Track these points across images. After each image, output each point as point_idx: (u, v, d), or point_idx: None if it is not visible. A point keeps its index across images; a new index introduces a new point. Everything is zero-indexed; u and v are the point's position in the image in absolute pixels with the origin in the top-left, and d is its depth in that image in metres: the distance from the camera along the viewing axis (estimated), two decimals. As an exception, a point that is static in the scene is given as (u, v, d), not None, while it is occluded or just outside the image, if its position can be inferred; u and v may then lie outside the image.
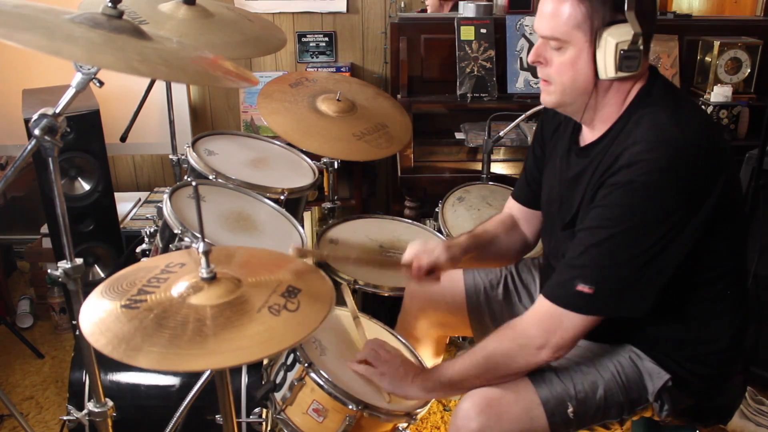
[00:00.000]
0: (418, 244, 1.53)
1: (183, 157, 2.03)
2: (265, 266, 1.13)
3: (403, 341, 1.70)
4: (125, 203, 2.95)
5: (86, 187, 2.42)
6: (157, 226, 1.88)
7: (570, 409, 1.32)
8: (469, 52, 2.72)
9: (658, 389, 1.34)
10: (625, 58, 1.23)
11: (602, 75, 1.26)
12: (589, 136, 1.38)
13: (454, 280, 1.72)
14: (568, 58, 1.27)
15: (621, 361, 1.37)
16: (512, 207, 1.70)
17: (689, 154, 1.20)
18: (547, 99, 1.35)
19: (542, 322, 1.28)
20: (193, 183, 1.91)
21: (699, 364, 1.36)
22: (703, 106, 2.61)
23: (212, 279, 1.02)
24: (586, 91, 1.29)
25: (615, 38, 1.22)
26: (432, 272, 1.52)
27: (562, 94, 1.32)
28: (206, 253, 1.02)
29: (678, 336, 1.35)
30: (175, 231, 1.63)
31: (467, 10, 2.77)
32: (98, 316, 0.97)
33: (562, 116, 1.47)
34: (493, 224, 1.68)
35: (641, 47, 1.23)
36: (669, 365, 1.35)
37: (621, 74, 1.24)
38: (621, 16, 1.22)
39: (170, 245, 1.66)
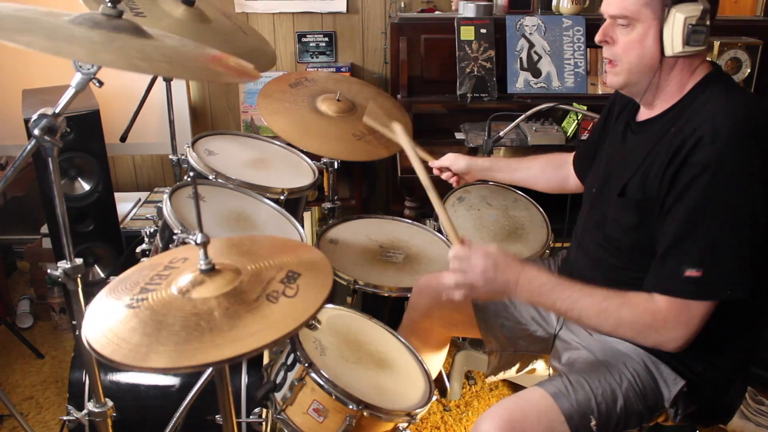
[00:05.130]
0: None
1: (183, 157, 2.03)
2: (269, 253, 1.13)
3: (404, 342, 1.70)
4: (125, 203, 2.95)
5: (86, 187, 2.42)
6: (157, 226, 1.88)
7: (593, 422, 1.31)
8: (469, 52, 2.71)
9: (675, 395, 1.34)
10: (693, 33, 1.27)
11: (668, 51, 1.30)
12: (646, 113, 1.42)
13: None
14: (635, 35, 1.32)
15: (636, 369, 1.36)
16: (569, 159, 1.81)
17: (766, 125, 1.24)
18: (614, 80, 1.39)
19: (679, 316, 1.25)
20: (191, 173, 1.91)
21: (710, 367, 1.35)
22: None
23: (211, 270, 1.02)
24: (651, 69, 1.33)
25: (684, 13, 1.27)
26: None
27: (629, 73, 1.35)
28: (204, 245, 1.02)
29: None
30: (175, 231, 1.62)
31: (467, 10, 2.77)
32: (102, 320, 0.97)
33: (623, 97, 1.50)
34: (536, 159, 1.88)
35: (708, 23, 1.28)
36: (681, 370, 1.35)
37: (687, 49, 1.28)
38: None
39: (170, 245, 1.66)
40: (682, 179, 1.25)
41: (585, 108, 2.32)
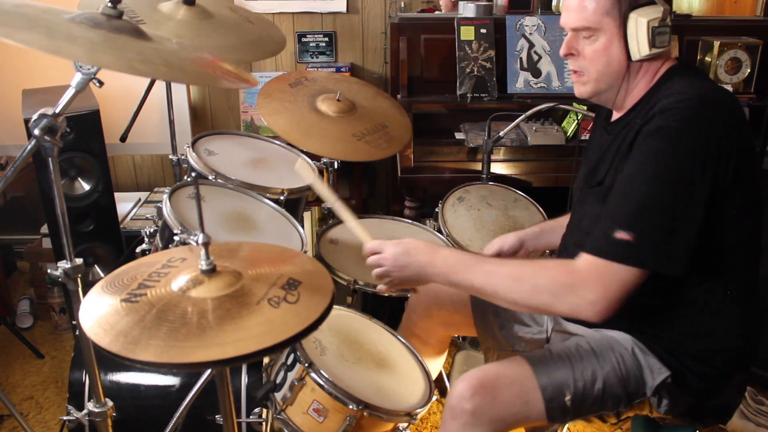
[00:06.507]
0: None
1: (183, 157, 2.03)
2: (266, 260, 1.13)
3: (404, 342, 1.70)
4: (125, 203, 2.95)
5: (86, 187, 2.42)
6: (157, 226, 1.88)
7: (567, 397, 1.33)
8: (469, 52, 2.71)
9: (657, 385, 1.34)
10: (657, 35, 1.30)
11: (635, 56, 1.32)
12: (617, 114, 1.44)
13: None
14: (600, 45, 1.34)
15: (623, 354, 1.37)
16: None
17: (719, 105, 1.26)
18: (582, 89, 1.41)
19: (597, 276, 1.23)
20: (192, 174, 1.91)
21: (699, 362, 1.35)
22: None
23: (212, 272, 1.03)
24: (619, 75, 1.35)
25: (646, 17, 1.29)
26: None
27: (597, 82, 1.38)
28: (206, 245, 1.02)
29: (682, 329, 1.35)
30: (175, 231, 1.62)
31: (467, 10, 2.77)
32: (98, 311, 0.97)
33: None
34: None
35: (669, 23, 1.31)
36: (670, 362, 1.35)
37: (654, 51, 1.31)
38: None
39: (170, 245, 1.66)
40: (633, 148, 1.28)
41: (585, 108, 2.32)
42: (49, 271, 1.43)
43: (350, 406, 1.40)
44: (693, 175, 1.21)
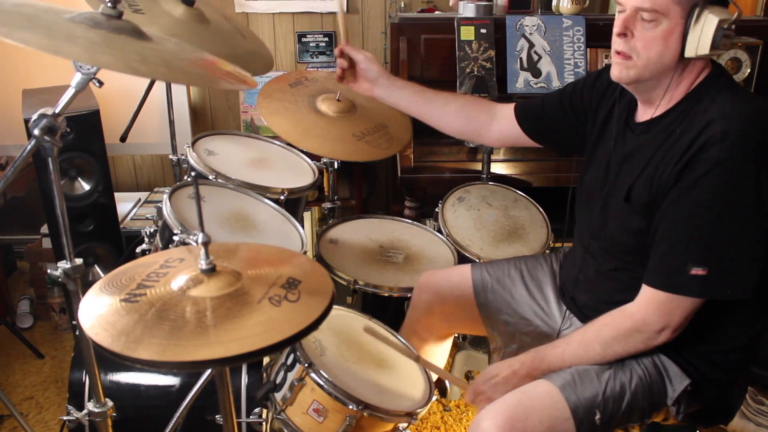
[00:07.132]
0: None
1: (183, 157, 2.03)
2: (265, 260, 1.13)
3: (404, 342, 1.70)
4: (125, 203, 2.95)
5: (86, 187, 2.42)
6: (157, 226, 1.88)
7: (597, 416, 1.31)
8: (469, 52, 2.71)
9: (678, 394, 1.34)
10: (724, 37, 1.23)
11: (691, 53, 1.26)
12: (647, 113, 1.38)
13: (462, 275, 1.73)
14: (660, 32, 1.26)
15: (646, 364, 1.36)
16: (506, 110, 1.74)
17: None
18: (624, 73, 1.32)
19: (660, 309, 1.28)
20: (192, 173, 1.91)
21: (713, 367, 1.35)
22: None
23: (212, 271, 1.03)
24: (668, 68, 1.29)
25: (718, 16, 1.22)
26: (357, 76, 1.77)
27: (644, 69, 1.30)
28: (206, 245, 1.02)
29: (698, 336, 1.34)
30: (175, 231, 1.62)
31: (467, 10, 2.77)
32: (97, 311, 0.97)
33: (611, 93, 1.47)
34: (455, 97, 1.80)
35: (734, 29, 1.25)
36: (687, 369, 1.35)
37: (712, 53, 1.25)
38: None
39: (170, 246, 1.66)
40: (689, 175, 1.24)
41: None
42: (49, 271, 1.43)
43: (350, 406, 1.40)
44: (759, 204, 1.21)
